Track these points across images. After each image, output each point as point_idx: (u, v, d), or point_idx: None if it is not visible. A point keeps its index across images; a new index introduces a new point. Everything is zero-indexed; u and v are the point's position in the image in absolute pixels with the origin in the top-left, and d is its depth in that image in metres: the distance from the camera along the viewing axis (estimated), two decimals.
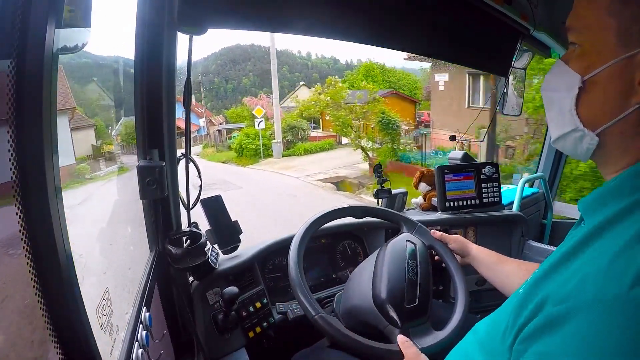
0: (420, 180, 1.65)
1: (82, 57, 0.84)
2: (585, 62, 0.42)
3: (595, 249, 0.38)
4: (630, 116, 0.39)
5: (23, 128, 0.38)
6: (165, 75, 0.84)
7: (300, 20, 0.87)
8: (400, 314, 0.79)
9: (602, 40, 0.40)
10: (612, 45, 0.39)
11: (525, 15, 1.21)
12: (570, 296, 0.35)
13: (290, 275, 0.83)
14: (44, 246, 0.41)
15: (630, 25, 0.37)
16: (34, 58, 0.38)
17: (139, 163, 0.81)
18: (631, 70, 0.38)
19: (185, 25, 0.76)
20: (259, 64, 75.52)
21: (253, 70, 72.19)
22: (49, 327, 0.42)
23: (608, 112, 0.40)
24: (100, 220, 0.95)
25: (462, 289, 0.90)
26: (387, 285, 0.82)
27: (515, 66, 1.46)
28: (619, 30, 0.38)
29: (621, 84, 0.38)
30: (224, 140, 21.26)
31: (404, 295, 0.81)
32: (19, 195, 0.38)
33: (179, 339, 0.98)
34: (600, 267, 0.35)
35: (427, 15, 1.06)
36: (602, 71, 0.40)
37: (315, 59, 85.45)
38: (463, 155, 1.61)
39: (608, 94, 0.40)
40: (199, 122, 29.79)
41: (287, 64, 79.41)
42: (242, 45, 75.86)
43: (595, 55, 0.40)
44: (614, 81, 0.39)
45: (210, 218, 1.06)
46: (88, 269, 0.59)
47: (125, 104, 1.09)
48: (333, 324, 0.77)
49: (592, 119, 0.42)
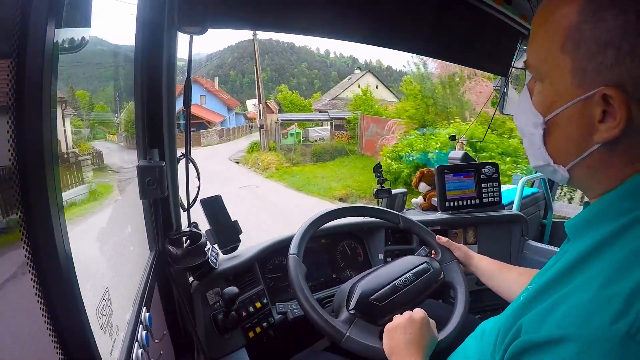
0: (420, 180, 1.64)
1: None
2: (546, 101, 0.42)
3: (580, 278, 0.39)
4: (595, 153, 0.39)
5: (23, 128, 0.38)
6: (165, 75, 0.84)
7: (301, 20, 0.87)
8: (359, 302, 0.82)
9: (558, 78, 0.40)
10: (569, 85, 0.39)
11: (525, 15, 1.21)
12: (554, 325, 0.36)
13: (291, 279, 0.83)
14: (44, 246, 0.41)
15: (585, 64, 0.37)
16: (34, 58, 0.38)
17: (139, 163, 0.81)
18: (590, 110, 0.38)
19: (185, 25, 0.76)
20: (277, 58, 75.38)
21: (270, 65, 72.10)
22: (49, 327, 0.42)
23: (573, 151, 0.41)
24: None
25: (462, 298, 0.91)
26: (371, 276, 0.88)
27: (515, 66, 1.46)
28: (574, 69, 0.38)
29: (582, 123, 0.39)
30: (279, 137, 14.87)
31: (377, 290, 0.85)
32: (19, 196, 0.38)
33: (179, 339, 0.98)
34: (584, 300, 0.35)
35: (428, 15, 1.06)
36: (561, 112, 0.40)
37: (334, 57, 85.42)
38: (463, 155, 1.61)
39: (570, 134, 0.40)
40: (225, 111, 26.85)
41: (306, 61, 79.28)
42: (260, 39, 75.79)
43: (554, 95, 0.41)
44: (574, 121, 0.39)
45: (210, 218, 1.06)
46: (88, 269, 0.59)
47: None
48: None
49: (560, 157, 0.43)
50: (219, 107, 27.01)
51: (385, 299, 0.84)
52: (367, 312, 0.82)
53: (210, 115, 24.93)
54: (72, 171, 0.76)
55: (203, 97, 26.56)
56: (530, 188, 1.99)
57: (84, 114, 0.98)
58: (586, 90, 0.38)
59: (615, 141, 0.37)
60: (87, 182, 0.80)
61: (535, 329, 0.37)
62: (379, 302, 0.83)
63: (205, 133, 22.32)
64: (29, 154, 0.39)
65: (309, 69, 76.26)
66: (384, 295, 0.84)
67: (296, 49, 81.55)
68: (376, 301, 0.83)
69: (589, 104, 0.38)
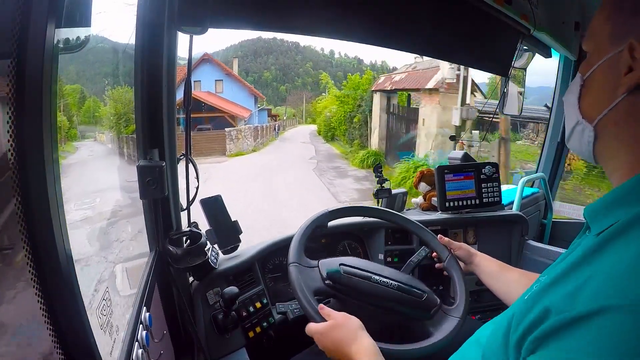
0: (420, 180, 1.64)
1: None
2: (588, 64, 0.47)
3: (610, 255, 0.38)
4: (620, 105, 0.43)
5: (23, 128, 0.38)
6: (165, 75, 0.84)
7: (301, 20, 0.87)
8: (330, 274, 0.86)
9: (600, 43, 0.46)
10: (606, 47, 0.44)
11: (525, 15, 1.21)
12: (588, 300, 0.35)
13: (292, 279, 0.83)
14: (44, 246, 0.41)
15: (620, 28, 0.43)
16: (34, 58, 0.38)
17: (139, 163, 0.81)
18: (618, 65, 0.43)
19: (185, 25, 0.76)
20: (281, 58, 75.08)
21: (275, 64, 71.72)
22: (49, 327, 0.42)
23: (601, 104, 0.45)
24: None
25: (462, 296, 0.90)
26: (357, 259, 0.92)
27: (515, 66, 1.46)
28: (612, 33, 0.44)
29: (610, 78, 0.43)
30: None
31: (353, 267, 0.88)
32: (19, 195, 0.38)
33: (179, 339, 0.98)
34: (620, 271, 0.35)
35: (428, 15, 1.06)
36: (596, 69, 0.45)
37: (339, 58, 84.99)
38: (463, 155, 1.61)
39: (600, 88, 0.45)
40: (252, 104, 19.98)
41: (311, 60, 78.79)
42: (264, 39, 75.29)
43: (594, 57, 0.46)
44: (604, 76, 0.45)
45: (210, 218, 1.06)
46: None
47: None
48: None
49: (590, 112, 0.47)
50: (243, 98, 19.74)
51: (354, 277, 0.86)
52: (338, 284, 0.85)
53: (234, 108, 18.21)
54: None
55: (219, 82, 19.56)
56: (530, 188, 1.99)
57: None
58: (618, 47, 0.43)
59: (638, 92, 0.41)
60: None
61: (569, 306, 0.36)
62: (348, 276, 0.86)
63: (236, 134, 15.44)
64: (29, 153, 0.39)
65: (314, 69, 75.99)
66: (355, 275, 0.87)
67: (301, 49, 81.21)
68: (347, 274, 0.86)
69: (617, 59, 0.42)
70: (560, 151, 1.95)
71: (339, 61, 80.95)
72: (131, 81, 0.83)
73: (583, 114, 0.47)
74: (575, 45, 1.53)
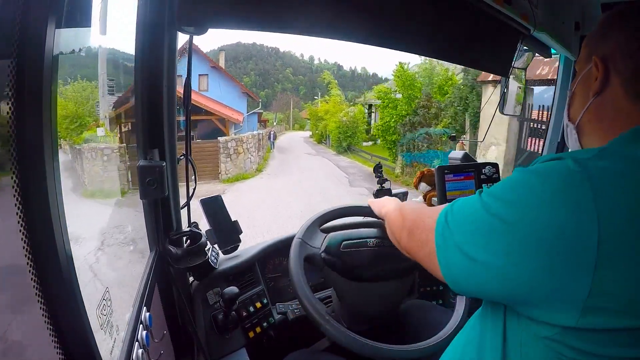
0: (420, 180, 1.64)
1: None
2: (574, 80, 0.59)
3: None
4: (591, 107, 0.53)
5: (23, 128, 0.38)
6: (165, 75, 0.84)
7: (301, 21, 0.87)
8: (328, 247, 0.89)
9: (581, 63, 0.57)
10: (584, 65, 0.55)
11: (525, 15, 1.21)
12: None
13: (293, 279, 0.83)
14: (44, 246, 0.41)
15: (591, 49, 0.54)
16: (34, 58, 0.38)
17: (139, 163, 0.81)
18: (589, 78, 0.53)
19: (185, 25, 0.76)
20: (261, 63, 74.78)
21: (255, 70, 71.39)
22: (49, 327, 0.42)
23: (579, 108, 0.55)
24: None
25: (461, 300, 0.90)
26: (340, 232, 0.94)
27: (515, 66, 1.46)
28: (588, 54, 0.55)
29: (586, 88, 0.54)
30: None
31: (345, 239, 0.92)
32: (19, 195, 0.38)
33: (179, 339, 0.98)
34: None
35: (427, 15, 1.06)
36: (577, 82, 0.57)
37: (318, 64, 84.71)
38: (463, 155, 1.61)
39: (580, 96, 0.56)
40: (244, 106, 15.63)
41: (290, 66, 78.49)
42: (243, 44, 74.90)
43: (578, 74, 0.58)
44: (582, 87, 0.55)
45: (210, 218, 1.06)
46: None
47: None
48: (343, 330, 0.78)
49: (573, 115, 0.58)
50: (233, 98, 14.90)
51: (354, 249, 0.89)
52: (337, 258, 0.87)
53: (224, 110, 13.51)
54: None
55: (203, 77, 14.56)
56: None
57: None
58: (589, 64, 0.53)
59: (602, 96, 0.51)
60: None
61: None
62: (349, 249, 0.88)
63: (235, 145, 10.25)
64: (29, 153, 0.39)
65: (294, 74, 75.76)
66: (353, 245, 0.89)
67: (281, 54, 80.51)
68: (347, 248, 0.88)
69: (590, 73, 0.53)
70: (560, 151, 1.95)
71: (319, 67, 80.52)
72: (90, 73, 0.82)
73: (569, 118, 0.59)
74: (575, 45, 1.53)
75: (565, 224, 0.37)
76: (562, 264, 0.37)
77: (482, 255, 0.42)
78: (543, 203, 0.39)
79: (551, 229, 0.38)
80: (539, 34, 1.32)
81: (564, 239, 0.37)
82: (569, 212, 0.37)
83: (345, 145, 16.71)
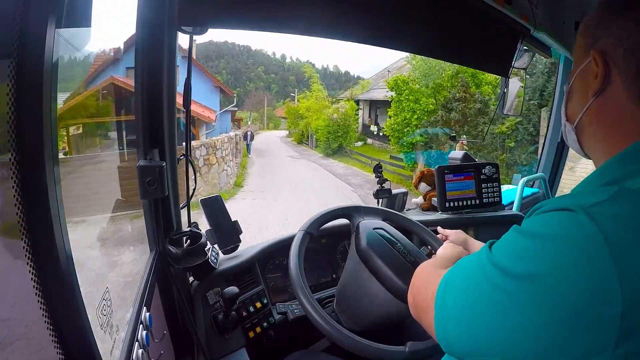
0: (421, 180, 1.64)
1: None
2: (570, 74, 0.53)
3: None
4: (591, 108, 0.48)
5: (23, 128, 0.38)
6: (165, 75, 0.84)
7: (301, 20, 0.87)
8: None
9: (577, 55, 0.51)
10: (581, 58, 0.50)
11: (525, 15, 1.21)
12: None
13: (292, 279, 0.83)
14: (43, 246, 0.41)
15: (588, 41, 0.48)
16: (34, 58, 0.38)
17: (139, 163, 0.81)
18: (588, 74, 0.48)
19: (185, 25, 0.76)
20: (232, 62, 73.81)
21: (226, 68, 70.55)
22: (49, 327, 0.42)
23: (578, 107, 0.51)
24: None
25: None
26: (398, 276, 0.83)
27: (515, 66, 1.46)
28: (585, 46, 0.49)
29: (584, 85, 0.49)
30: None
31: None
32: (19, 195, 0.38)
33: (179, 339, 0.98)
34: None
35: (428, 15, 1.06)
36: (574, 78, 0.51)
37: (290, 62, 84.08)
38: (463, 155, 1.61)
39: (578, 94, 0.51)
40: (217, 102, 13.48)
41: (262, 64, 77.70)
42: (215, 42, 73.61)
43: (574, 68, 0.52)
44: (580, 84, 0.50)
45: (210, 218, 1.06)
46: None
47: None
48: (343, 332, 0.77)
49: (572, 115, 0.53)
50: (204, 93, 12.60)
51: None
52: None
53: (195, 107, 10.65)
54: None
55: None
56: (530, 188, 1.99)
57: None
58: (588, 58, 0.48)
59: (603, 96, 0.46)
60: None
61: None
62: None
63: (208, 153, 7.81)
64: (29, 153, 0.39)
65: (266, 73, 75.11)
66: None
67: (252, 53, 78.92)
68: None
69: (588, 68, 0.48)
70: (560, 151, 1.95)
71: (291, 65, 79.81)
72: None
73: (567, 117, 0.54)
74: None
75: (585, 299, 0.33)
76: (579, 343, 0.33)
77: (484, 332, 0.38)
78: (559, 277, 0.34)
79: (568, 307, 0.33)
80: (539, 34, 1.33)
81: (584, 318, 0.33)
82: (588, 288, 0.33)
83: (335, 146, 14.89)
